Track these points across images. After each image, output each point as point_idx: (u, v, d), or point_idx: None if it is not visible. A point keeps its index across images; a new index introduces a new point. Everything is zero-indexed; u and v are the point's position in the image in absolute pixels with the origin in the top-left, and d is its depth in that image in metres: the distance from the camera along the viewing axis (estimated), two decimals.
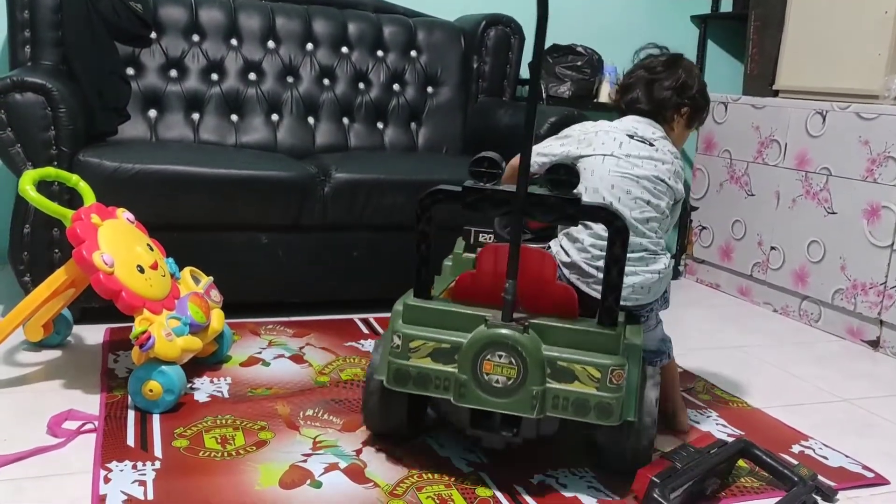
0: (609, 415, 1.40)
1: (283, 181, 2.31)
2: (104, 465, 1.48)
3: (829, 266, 2.71)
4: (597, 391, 1.39)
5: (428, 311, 1.47)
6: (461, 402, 1.43)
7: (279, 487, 1.45)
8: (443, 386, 1.43)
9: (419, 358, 1.44)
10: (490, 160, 1.43)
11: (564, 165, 1.43)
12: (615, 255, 1.41)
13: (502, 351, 1.40)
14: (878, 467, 1.72)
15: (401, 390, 1.47)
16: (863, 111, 2.60)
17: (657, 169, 1.65)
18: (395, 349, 1.46)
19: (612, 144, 1.67)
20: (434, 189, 1.45)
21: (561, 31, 3.29)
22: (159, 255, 1.90)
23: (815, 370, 2.34)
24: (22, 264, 2.15)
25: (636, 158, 1.65)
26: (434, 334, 1.44)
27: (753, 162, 3.04)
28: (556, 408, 1.41)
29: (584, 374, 1.40)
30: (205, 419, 1.70)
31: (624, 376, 1.40)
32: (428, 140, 3.00)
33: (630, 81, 1.78)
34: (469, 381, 1.41)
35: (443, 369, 1.43)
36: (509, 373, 1.40)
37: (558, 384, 1.41)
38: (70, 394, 1.80)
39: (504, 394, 1.41)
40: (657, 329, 1.75)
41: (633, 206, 1.63)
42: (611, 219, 1.40)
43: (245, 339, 2.21)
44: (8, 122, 2.06)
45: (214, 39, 2.77)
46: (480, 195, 1.43)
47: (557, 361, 1.41)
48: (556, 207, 1.40)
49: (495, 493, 1.49)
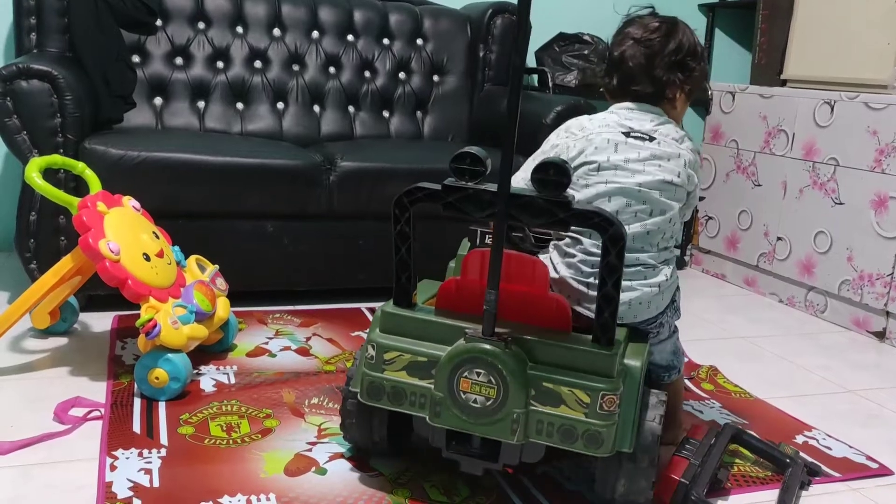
0: (599, 444, 1.26)
1: (289, 169, 2.30)
2: (110, 453, 1.49)
3: (835, 257, 2.70)
4: (585, 417, 1.25)
5: (406, 319, 1.35)
6: (436, 423, 1.30)
7: (284, 475, 1.46)
8: (418, 403, 1.31)
9: (394, 371, 1.33)
10: (473, 156, 1.28)
11: (554, 164, 1.23)
12: (611, 264, 1.25)
13: (481, 368, 1.26)
14: (883, 458, 1.72)
15: (374, 405, 1.36)
16: (871, 101, 2.58)
17: (662, 170, 1.46)
18: (369, 360, 1.35)
19: (607, 150, 1.46)
20: (412, 187, 1.31)
21: (567, 20, 3.27)
22: (165, 243, 1.90)
23: (820, 361, 2.34)
24: (28, 252, 2.15)
25: (636, 163, 1.46)
26: (410, 346, 1.32)
27: (760, 152, 3.03)
28: (539, 433, 1.27)
29: (571, 397, 1.26)
30: (210, 406, 1.71)
31: (617, 402, 1.26)
32: (434, 129, 2.99)
33: (620, 56, 1.53)
34: (445, 400, 1.28)
35: (418, 384, 1.31)
36: (488, 392, 1.26)
37: (543, 407, 1.27)
38: (76, 381, 1.81)
39: (482, 415, 1.27)
40: (669, 341, 1.58)
41: (633, 220, 1.44)
42: (605, 225, 1.23)
43: (252, 328, 2.22)
44: (14, 109, 2.06)
45: (220, 27, 2.77)
46: (462, 194, 1.28)
47: (543, 382, 1.27)
48: (545, 210, 1.25)
49: (499, 482, 1.49)
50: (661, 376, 1.61)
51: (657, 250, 1.48)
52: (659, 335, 1.54)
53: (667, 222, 1.47)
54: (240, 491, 1.39)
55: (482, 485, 1.47)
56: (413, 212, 1.33)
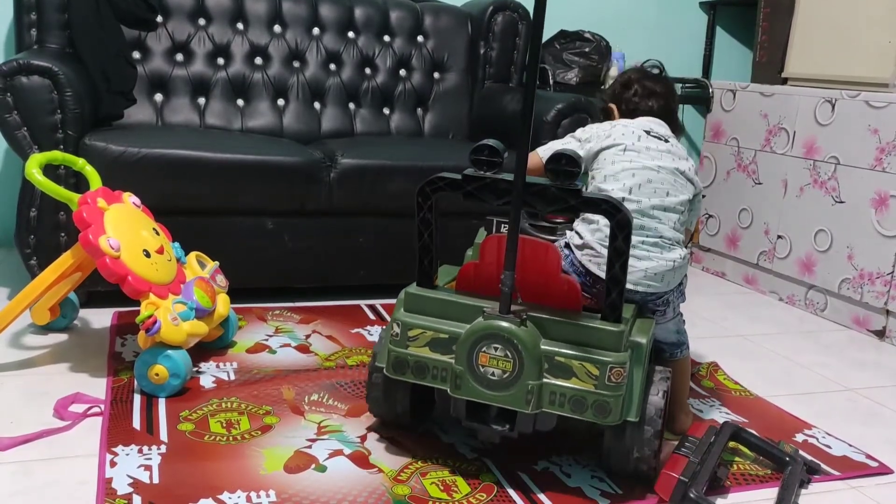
0: (607, 413, 1.36)
1: (289, 166, 2.30)
2: (110, 449, 1.49)
3: (836, 255, 2.70)
4: (595, 389, 1.36)
5: (428, 299, 1.47)
6: (457, 394, 1.41)
7: (284, 472, 1.46)
8: (440, 376, 1.42)
9: (417, 347, 1.44)
10: (491, 148, 1.39)
11: (565, 155, 1.35)
12: (618, 248, 1.36)
13: (498, 343, 1.37)
14: (882, 456, 1.72)
15: (399, 378, 1.46)
16: (872, 99, 2.58)
17: (675, 162, 1.65)
18: (394, 337, 1.46)
19: (630, 137, 1.67)
20: (434, 177, 1.43)
21: (569, 17, 3.27)
22: (165, 240, 1.90)
23: (820, 359, 2.34)
24: (28, 248, 2.15)
25: (655, 152, 1.65)
26: (432, 324, 1.43)
27: (761, 150, 3.03)
28: (552, 404, 1.38)
29: (582, 370, 1.36)
30: (210, 402, 1.71)
31: (624, 374, 1.36)
32: (434, 126, 2.99)
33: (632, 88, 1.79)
34: (465, 373, 1.39)
35: (440, 359, 1.42)
36: (504, 366, 1.37)
37: (555, 380, 1.38)
38: (76, 377, 1.81)
39: (499, 387, 1.38)
40: (672, 322, 1.71)
41: (652, 195, 1.61)
42: (613, 211, 1.34)
43: (252, 324, 2.22)
44: (14, 105, 2.06)
45: (220, 23, 2.76)
46: (480, 183, 1.40)
47: (555, 356, 1.38)
48: (557, 198, 1.36)
49: (499, 479, 1.49)
50: (672, 353, 1.74)
51: (672, 230, 1.62)
52: (665, 315, 1.67)
53: (681, 204, 1.64)
54: (239, 487, 1.39)
55: (482, 481, 1.48)
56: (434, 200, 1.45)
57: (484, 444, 1.58)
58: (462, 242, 1.80)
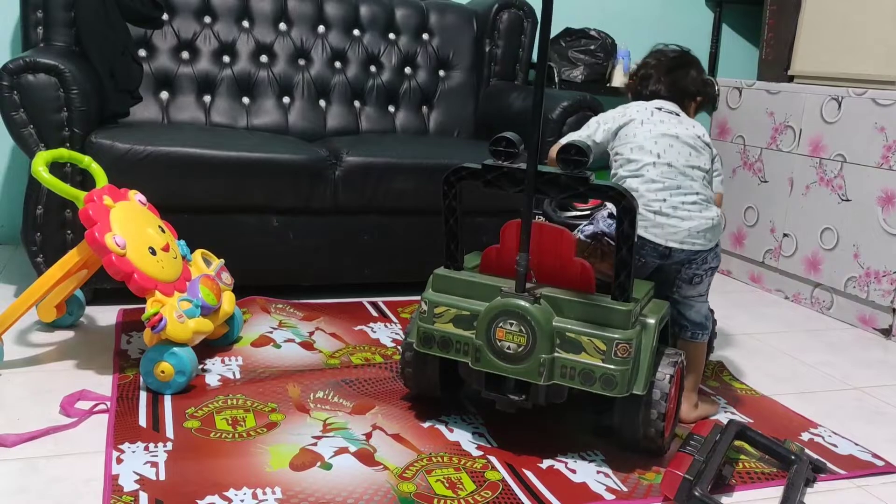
0: (613, 386, 1.45)
1: (294, 164, 2.30)
2: (116, 446, 1.49)
3: (842, 253, 2.69)
4: (602, 363, 1.46)
5: (453, 280, 1.60)
6: (476, 366, 1.53)
7: (290, 469, 1.46)
8: (462, 350, 1.55)
9: (442, 323, 1.57)
10: (508, 140, 1.50)
11: (575, 145, 1.45)
12: (625, 232, 1.45)
13: (513, 319, 1.47)
14: (889, 455, 1.71)
15: (426, 352, 1.59)
16: (879, 97, 2.57)
17: (689, 132, 1.74)
18: (423, 314, 1.60)
19: (644, 113, 1.77)
20: (457, 167, 1.55)
21: (574, 15, 3.27)
22: (171, 237, 1.91)
23: (825, 358, 2.33)
24: (35, 245, 2.16)
25: (669, 124, 1.75)
26: (455, 301, 1.56)
27: (767, 148, 3.02)
28: (563, 376, 1.49)
29: (590, 346, 1.46)
30: (216, 399, 1.71)
31: (630, 350, 1.45)
32: (439, 124, 2.99)
33: (647, 72, 1.87)
34: (484, 347, 1.51)
35: (463, 334, 1.55)
36: (519, 340, 1.47)
37: (566, 354, 1.48)
38: (82, 374, 1.81)
39: (515, 360, 1.49)
40: (706, 304, 1.80)
41: (678, 157, 1.70)
42: (619, 198, 1.44)
43: (256, 316, 2.22)
44: (21, 103, 2.07)
45: (226, 21, 2.77)
46: (498, 172, 1.51)
47: (566, 332, 1.48)
48: (567, 185, 1.46)
49: (504, 476, 1.49)
50: (694, 334, 1.80)
51: (705, 188, 1.71)
52: (703, 281, 1.75)
53: (704, 163, 1.73)
54: (245, 484, 1.40)
55: (487, 478, 1.48)
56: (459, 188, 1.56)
57: (494, 438, 1.64)
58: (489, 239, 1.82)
